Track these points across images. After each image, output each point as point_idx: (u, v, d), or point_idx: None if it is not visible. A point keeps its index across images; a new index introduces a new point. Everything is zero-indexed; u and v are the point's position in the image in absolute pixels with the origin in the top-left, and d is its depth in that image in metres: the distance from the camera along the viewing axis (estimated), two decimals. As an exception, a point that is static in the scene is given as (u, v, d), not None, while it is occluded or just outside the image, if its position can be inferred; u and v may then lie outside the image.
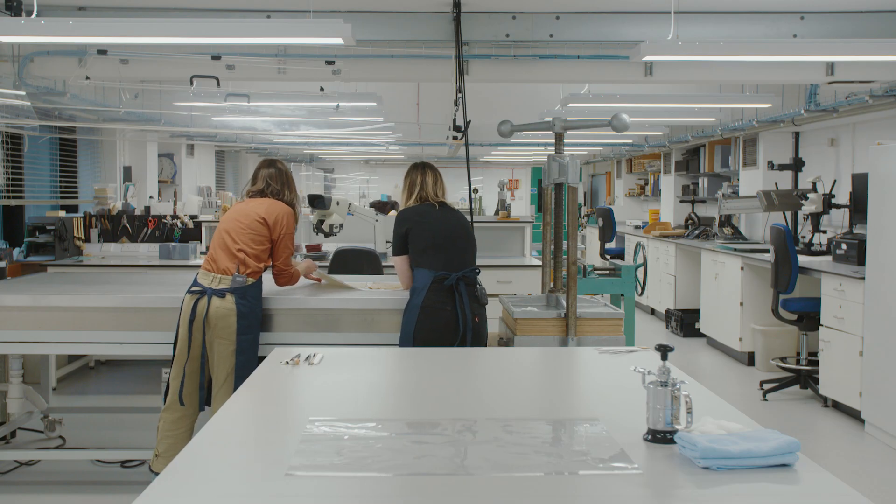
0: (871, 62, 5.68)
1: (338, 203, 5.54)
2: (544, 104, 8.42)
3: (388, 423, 2.16)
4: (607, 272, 6.47)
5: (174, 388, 3.89)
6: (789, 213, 7.64)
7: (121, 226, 7.53)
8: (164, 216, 7.69)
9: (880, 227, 5.34)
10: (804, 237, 7.47)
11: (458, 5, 5.14)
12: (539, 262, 6.17)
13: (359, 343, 3.94)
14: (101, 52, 5.65)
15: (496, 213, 8.17)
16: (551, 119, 4.23)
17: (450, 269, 3.97)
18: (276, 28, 4.25)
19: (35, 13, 4.17)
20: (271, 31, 4.25)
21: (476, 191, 13.03)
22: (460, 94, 5.21)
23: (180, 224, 7.59)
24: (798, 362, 6.62)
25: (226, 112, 7.96)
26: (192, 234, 7.56)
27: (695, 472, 1.79)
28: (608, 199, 15.57)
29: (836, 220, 7.25)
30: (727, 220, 8.77)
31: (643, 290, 9.87)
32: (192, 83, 5.92)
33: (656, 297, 10.16)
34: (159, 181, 10.66)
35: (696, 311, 8.81)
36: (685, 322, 8.99)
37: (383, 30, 5.46)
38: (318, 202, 5.49)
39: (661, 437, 1.98)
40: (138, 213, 8.17)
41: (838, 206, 6.80)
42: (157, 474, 3.70)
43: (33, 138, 7.50)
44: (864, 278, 5.43)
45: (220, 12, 5.30)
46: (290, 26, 4.21)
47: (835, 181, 7.13)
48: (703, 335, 8.61)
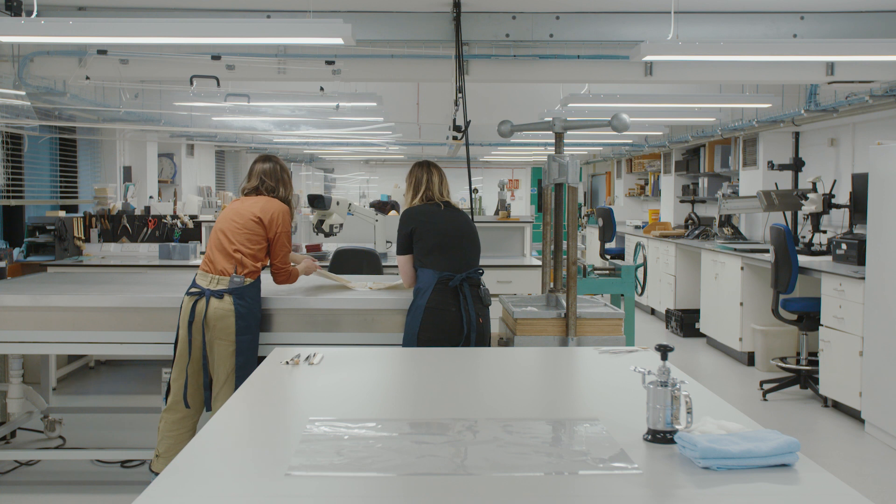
0: (871, 62, 5.68)
1: (338, 203, 5.54)
2: (544, 104, 8.42)
3: (388, 423, 2.16)
4: (607, 272, 6.47)
5: (177, 389, 3.89)
6: (789, 213, 7.64)
7: (121, 226, 7.53)
8: (164, 216, 7.69)
9: (880, 227, 5.34)
10: (804, 237, 7.47)
11: (458, 5, 5.14)
12: (539, 262, 6.17)
13: (359, 343, 3.94)
14: (101, 52, 5.65)
15: (496, 213, 8.17)
16: (551, 119, 4.23)
17: (454, 270, 3.96)
18: (276, 28, 4.24)
19: (35, 13, 4.17)
20: (271, 31, 4.24)
21: (476, 191, 13.04)
22: (460, 94, 5.21)
23: (180, 224, 7.59)
24: (798, 362, 6.62)
25: (226, 112, 7.97)
26: (192, 234, 7.56)
27: (695, 472, 1.79)
28: (608, 199, 15.57)
29: (836, 220, 7.25)
30: (727, 220, 8.77)
31: (643, 290, 9.89)
32: (192, 83, 5.92)
33: (656, 297, 10.16)
34: (159, 181, 10.67)
35: (696, 311, 8.81)
36: (685, 322, 8.99)
37: (383, 30, 5.45)
38: (318, 202, 5.49)
39: (661, 437, 1.98)
40: (138, 213, 8.17)
41: (838, 206, 6.80)
42: (157, 474, 3.71)
43: (33, 138, 7.50)
44: (864, 278, 5.43)
45: (220, 12, 5.30)
46: (290, 26, 4.21)
47: (835, 181, 7.13)
48: (703, 335, 8.61)
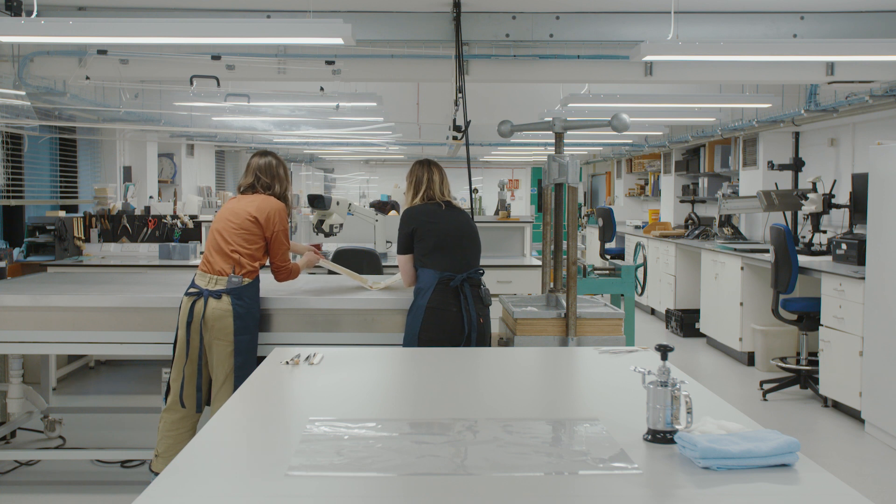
0: (871, 62, 5.68)
1: (338, 203, 5.53)
2: (544, 104, 8.42)
3: (388, 423, 2.16)
4: (607, 272, 6.47)
5: (175, 389, 3.89)
6: (789, 213, 7.64)
7: (121, 226, 7.53)
8: (164, 216, 7.69)
9: (880, 227, 5.34)
10: (804, 237, 7.47)
11: (458, 5, 5.14)
12: (539, 262, 6.17)
13: (359, 343, 3.94)
14: (101, 52, 5.65)
15: (496, 213, 8.17)
16: (551, 119, 4.23)
17: (455, 271, 3.95)
18: (276, 28, 4.24)
19: (35, 13, 4.17)
20: (271, 31, 4.24)
21: (476, 191, 13.03)
22: (460, 94, 5.21)
23: (180, 224, 7.59)
24: (798, 362, 6.62)
25: (226, 112, 7.97)
26: (192, 234, 7.56)
27: (695, 472, 1.79)
28: (608, 199, 15.57)
29: (836, 220, 7.25)
30: (727, 220, 8.77)
31: (643, 290, 9.89)
32: (192, 83, 5.92)
33: (656, 297, 10.16)
34: (159, 181, 10.67)
35: (696, 311, 8.81)
36: (685, 322, 8.99)
37: (383, 30, 5.45)
38: (318, 202, 5.49)
39: (661, 437, 1.98)
40: (138, 213, 8.17)
41: (838, 206, 6.80)
42: (156, 474, 3.71)
43: (33, 138, 7.50)
44: (864, 278, 5.43)
45: (220, 12, 5.30)
46: (290, 26, 4.21)
47: (835, 181, 7.13)
48: (703, 335, 8.61)
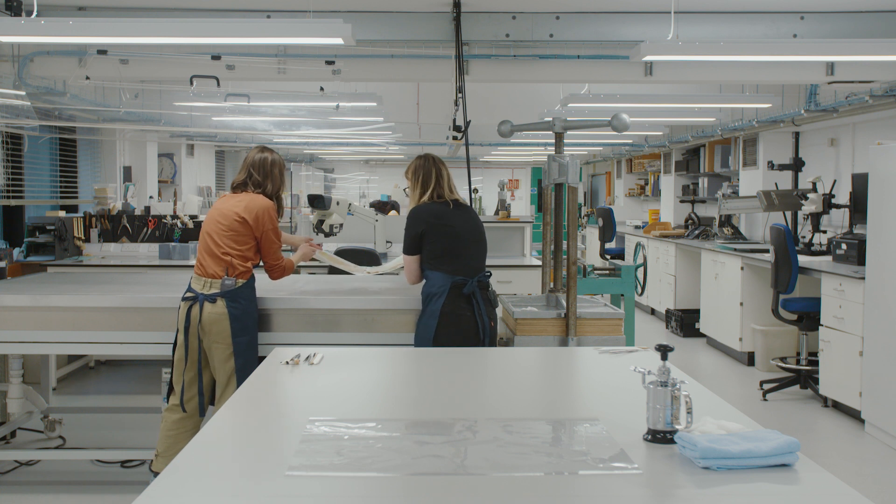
0: (871, 62, 5.68)
1: (338, 203, 5.53)
2: (544, 104, 8.42)
3: (388, 423, 2.16)
4: (607, 272, 6.47)
5: (176, 392, 3.89)
6: (789, 213, 7.64)
7: (121, 226, 7.53)
8: (164, 216, 7.69)
9: (880, 227, 5.34)
10: (804, 237, 7.47)
11: (458, 5, 5.14)
12: (539, 262, 6.17)
13: (359, 343, 3.94)
14: (101, 52, 5.65)
15: (496, 213, 8.17)
16: (551, 119, 4.23)
17: (466, 274, 3.85)
18: (276, 28, 4.24)
19: (35, 13, 4.17)
20: (271, 31, 4.24)
21: (476, 191, 13.01)
22: (460, 94, 5.21)
23: (180, 224, 7.59)
24: (798, 362, 6.62)
25: (226, 112, 7.97)
26: (191, 234, 7.56)
27: (695, 472, 1.79)
28: (608, 199, 15.57)
29: (836, 220, 7.25)
30: (727, 220, 8.77)
31: (643, 290, 9.89)
32: (192, 83, 5.92)
33: (656, 297, 10.16)
34: (159, 181, 10.67)
35: (696, 311, 8.81)
36: (685, 322, 8.99)
37: (383, 30, 5.45)
38: (318, 202, 5.49)
39: (661, 437, 1.98)
40: (138, 213, 8.17)
41: (838, 206, 6.80)
42: (156, 474, 3.70)
43: (33, 138, 7.50)
44: (864, 278, 5.43)
45: (220, 12, 5.30)
46: (290, 26, 4.21)
47: (835, 181, 7.13)
48: (703, 335, 8.61)
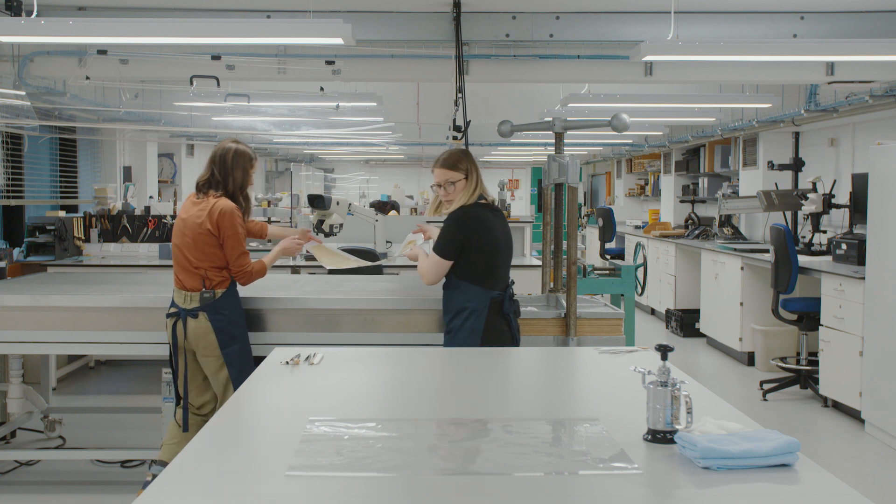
0: (871, 62, 5.68)
1: (338, 203, 5.53)
2: (544, 104, 8.42)
3: (388, 423, 2.16)
4: (607, 272, 6.47)
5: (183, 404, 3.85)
6: (789, 213, 7.64)
7: (121, 226, 7.53)
8: (164, 216, 7.68)
9: (880, 227, 5.34)
10: (804, 237, 7.47)
11: (458, 5, 5.14)
12: (539, 262, 6.17)
13: (359, 343, 3.94)
14: (101, 52, 5.65)
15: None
16: (551, 119, 4.23)
17: (501, 288, 3.61)
18: (276, 28, 4.24)
19: (35, 13, 4.17)
20: (271, 31, 4.24)
21: (476, 191, 12.99)
22: (460, 94, 5.21)
23: (180, 224, 7.57)
24: (798, 362, 6.62)
25: (226, 112, 7.97)
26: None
27: (695, 472, 1.79)
28: (608, 199, 15.57)
29: (836, 220, 7.25)
30: (727, 220, 8.77)
31: (643, 290, 9.89)
32: (192, 83, 5.92)
33: (656, 297, 10.16)
34: (159, 181, 10.66)
35: (696, 311, 8.81)
36: (685, 322, 8.99)
37: (383, 30, 5.46)
38: (318, 202, 5.48)
39: (661, 437, 1.98)
40: (138, 213, 8.16)
41: (838, 206, 6.80)
42: (158, 464, 3.67)
43: (33, 138, 7.50)
44: (864, 278, 5.43)
45: (220, 12, 5.31)
46: (290, 26, 4.21)
47: (835, 181, 7.13)
48: (703, 335, 8.61)
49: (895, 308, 5.13)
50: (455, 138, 5.49)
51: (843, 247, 6.16)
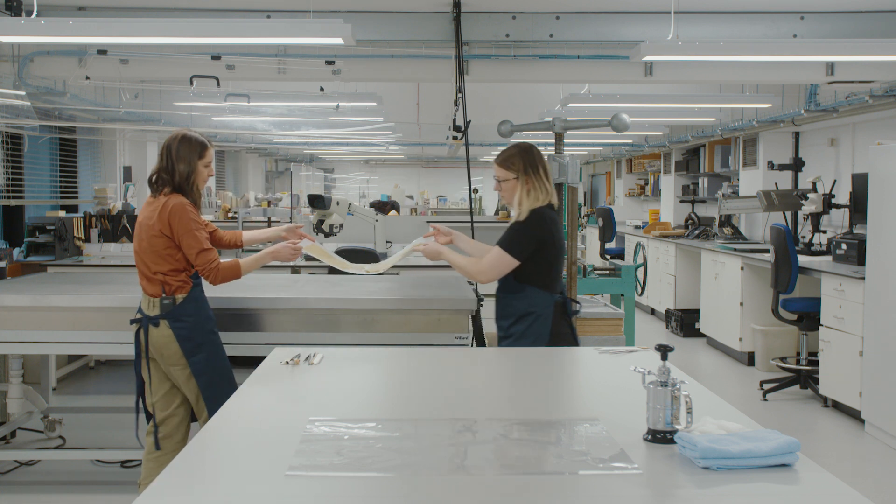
0: (871, 62, 5.68)
1: (338, 203, 5.53)
2: (544, 104, 8.43)
3: (388, 423, 2.16)
4: (607, 272, 6.47)
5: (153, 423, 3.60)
6: (789, 213, 7.64)
7: (121, 226, 7.53)
8: (164, 216, 7.66)
9: (880, 227, 5.34)
10: (804, 237, 7.47)
11: (458, 5, 5.14)
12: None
13: (359, 343, 3.94)
14: (101, 52, 5.65)
15: (496, 213, 8.17)
16: (551, 119, 4.24)
17: (560, 291, 3.49)
18: (276, 28, 4.24)
19: (35, 13, 4.17)
20: (271, 31, 4.24)
21: (476, 191, 13.04)
22: (460, 94, 5.21)
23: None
24: (798, 362, 6.62)
25: (226, 112, 7.97)
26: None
27: (695, 472, 1.79)
28: (608, 199, 15.57)
29: (836, 220, 7.25)
30: (727, 220, 8.77)
31: (643, 290, 9.89)
32: (192, 83, 5.92)
33: (656, 297, 10.16)
34: (159, 181, 10.63)
35: (696, 311, 8.81)
36: (685, 322, 8.99)
37: (383, 30, 5.46)
38: (318, 202, 5.49)
39: (661, 437, 1.98)
40: (138, 213, 8.16)
41: (838, 206, 6.80)
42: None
43: (33, 138, 7.50)
44: (864, 278, 5.43)
45: (220, 12, 5.31)
46: (290, 26, 4.21)
47: (835, 181, 7.13)
48: (703, 335, 8.61)
49: (895, 308, 5.13)
50: (455, 138, 5.49)
51: (843, 247, 6.16)
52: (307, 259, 4.54)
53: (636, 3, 5.35)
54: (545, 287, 3.39)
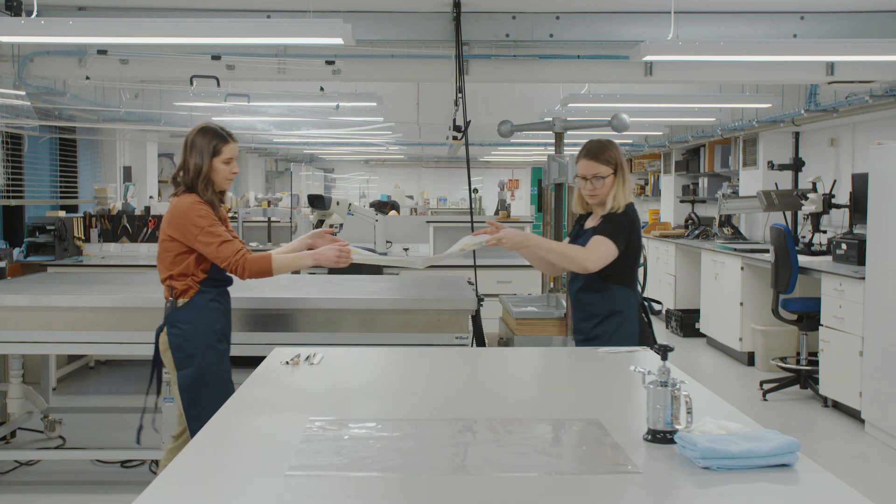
0: (871, 62, 5.68)
1: (338, 203, 5.54)
2: (544, 104, 8.43)
3: (388, 423, 2.16)
4: (607, 272, 6.46)
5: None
6: (789, 213, 7.64)
7: (121, 226, 7.53)
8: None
9: (880, 227, 5.34)
10: (804, 237, 7.47)
11: (458, 5, 5.14)
12: (539, 262, 6.16)
13: (359, 343, 3.94)
14: (101, 52, 5.66)
15: (496, 213, 8.17)
16: (551, 119, 4.24)
17: (637, 289, 3.36)
18: (276, 28, 4.25)
19: (35, 13, 4.17)
20: (271, 31, 4.25)
21: (476, 191, 13.02)
22: (460, 94, 5.21)
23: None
24: (798, 362, 6.62)
25: (226, 112, 7.97)
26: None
27: (695, 472, 1.79)
28: (608, 199, 15.53)
29: (836, 220, 7.25)
30: (727, 220, 8.77)
31: (643, 290, 9.88)
32: (192, 83, 5.92)
33: (656, 297, 10.16)
34: (159, 181, 10.66)
35: (696, 311, 8.81)
36: (685, 322, 8.99)
37: (383, 30, 5.46)
38: (318, 202, 5.49)
39: (661, 437, 1.98)
40: (138, 213, 8.16)
41: (838, 206, 6.80)
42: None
43: (33, 138, 7.50)
44: (864, 278, 5.43)
45: (220, 12, 5.31)
46: (290, 26, 4.21)
47: (835, 181, 7.13)
48: (703, 335, 8.61)
49: (895, 308, 5.13)
50: (455, 138, 5.49)
51: (843, 247, 6.16)
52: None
53: (636, 3, 5.35)
54: (629, 285, 3.24)
